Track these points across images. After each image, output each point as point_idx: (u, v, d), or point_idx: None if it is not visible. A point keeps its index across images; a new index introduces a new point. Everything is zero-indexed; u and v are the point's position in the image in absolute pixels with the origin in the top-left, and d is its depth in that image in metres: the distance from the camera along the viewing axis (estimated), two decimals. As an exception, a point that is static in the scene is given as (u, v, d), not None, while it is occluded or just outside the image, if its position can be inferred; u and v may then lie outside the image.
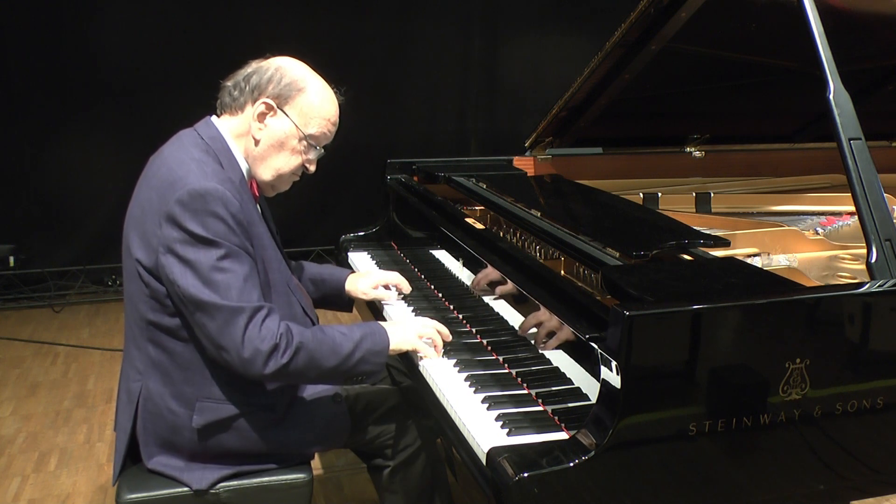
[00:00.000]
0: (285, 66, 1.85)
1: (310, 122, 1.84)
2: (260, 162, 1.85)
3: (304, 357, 1.71)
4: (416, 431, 2.03)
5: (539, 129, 2.91)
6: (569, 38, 5.78)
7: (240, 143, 1.85)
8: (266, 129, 1.82)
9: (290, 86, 1.81)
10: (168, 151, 1.81)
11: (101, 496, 2.88)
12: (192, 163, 1.73)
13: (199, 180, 1.68)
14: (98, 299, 5.18)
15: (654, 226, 2.11)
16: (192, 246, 1.66)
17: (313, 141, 1.86)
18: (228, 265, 1.67)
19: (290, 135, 1.83)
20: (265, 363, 1.66)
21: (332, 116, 1.88)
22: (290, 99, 1.82)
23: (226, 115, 1.86)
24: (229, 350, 1.66)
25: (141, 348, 1.80)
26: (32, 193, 5.09)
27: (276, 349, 1.67)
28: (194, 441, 1.78)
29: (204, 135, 1.82)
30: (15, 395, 3.75)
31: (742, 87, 2.89)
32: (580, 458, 1.38)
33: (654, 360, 1.42)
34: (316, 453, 2.01)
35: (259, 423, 1.80)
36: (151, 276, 1.72)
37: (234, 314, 1.65)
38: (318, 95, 1.85)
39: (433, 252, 2.61)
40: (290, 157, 1.86)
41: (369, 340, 1.82)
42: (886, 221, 1.70)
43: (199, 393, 1.77)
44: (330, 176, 5.56)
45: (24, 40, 4.85)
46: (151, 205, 1.72)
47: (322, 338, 1.76)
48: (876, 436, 1.60)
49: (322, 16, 5.32)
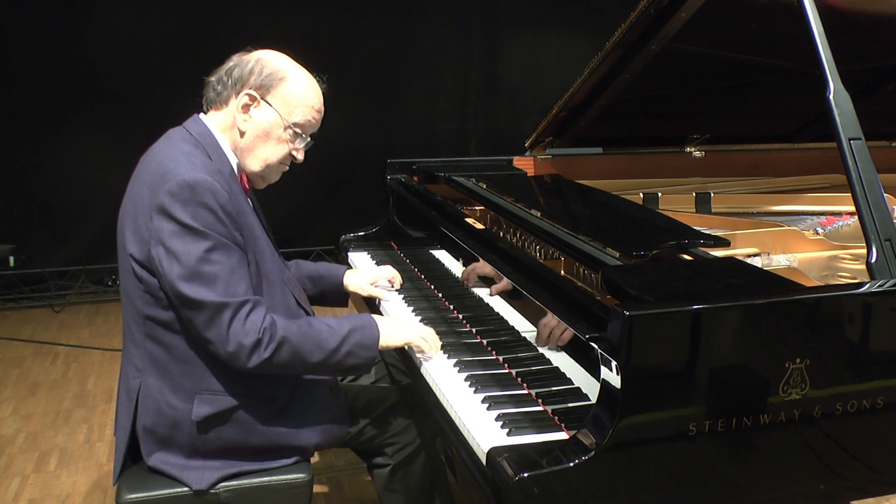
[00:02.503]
0: (266, 57, 1.87)
1: (293, 111, 1.86)
2: (248, 153, 1.88)
3: (287, 351, 1.73)
4: (415, 430, 2.03)
5: (539, 129, 2.91)
6: (569, 38, 5.78)
7: (227, 136, 1.87)
8: (251, 121, 1.85)
9: (271, 76, 1.84)
10: (158, 148, 1.84)
11: (101, 496, 2.88)
12: (182, 156, 1.76)
13: (188, 172, 1.71)
14: (98, 299, 5.18)
15: (653, 226, 2.11)
16: (181, 237, 1.68)
17: (298, 129, 1.88)
18: (216, 257, 1.69)
19: (274, 124, 1.85)
20: (248, 357, 1.69)
21: (315, 104, 1.90)
22: (272, 89, 1.84)
23: (212, 110, 1.89)
24: (215, 344, 1.69)
25: (139, 345, 1.81)
26: (32, 193, 5.09)
27: (259, 344, 1.69)
28: (194, 435, 1.78)
29: (192, 130, 1.85)
30: (15, 395, 3.75)
31: (742, 87, 2.89)
32: (580, 458, 1.38)
33: (654, 360, 1.42)
34: (316, 452, 2.01)
35: (259, 414, 1.81)
36: (145, 270, 1.74)
37: (219, 310, 1.67)
38: (300, 84, 1.87)
39: (433, 252, 2.61)
40: (277, 146, 1.88)
41: (358, 334, 1.83)
42: (886, 221, 1.70)
43: (197, 386, 1.78)
44: (330, 176, 5.58)
45: (24, 41, 4.85)
46: (143, 199, 1.74)
47: (307, 331, 1.77)
48: (876, 436, 1.60)
49: (322, 16, 5.32)
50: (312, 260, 5.56)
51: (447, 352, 1.94)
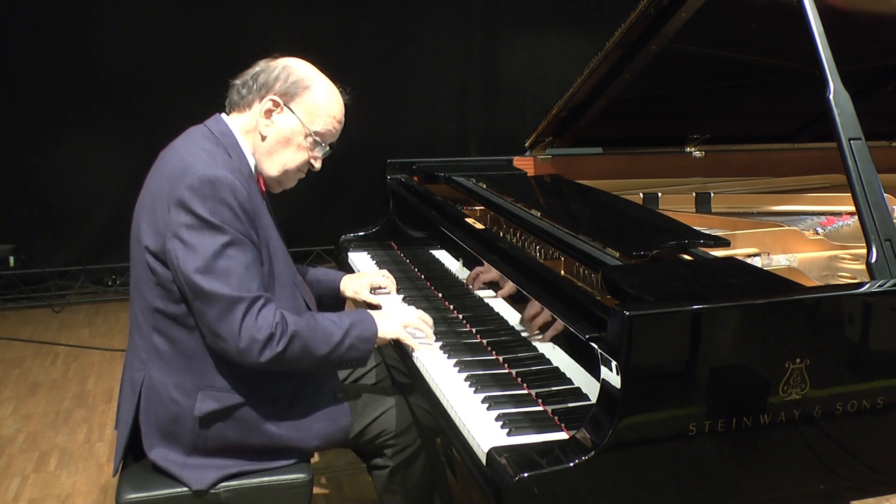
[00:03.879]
0: (292, 65, 1.90)
1: (315, 119, 1.89)
2: (267, 157, 1.90)
3: (298, 345, 1.75)
4: (415, 431, 2.04)
5: (539, 129, 2.91)
6: (569, 38, 5.78)
7: (248, 139, 1.90)
8: (273, 126, 1.88)
9: (296, 84, 1.87)
10: (179, 144, 1.87)
11: (101, 496, 2.88)
12: (203, 152, 1.78)
13: (209, 167, 1.73)
14: (98, 299, 5.18)
15: (654, 226, 2.11)
16: (198, 231, 1.70)
17: (319, 138, 1.91)
18: (232, 252, 1.71)
19: (296, 131, 1.88)
20: (261, 352, 1.70)
21: (337, 114, 1.93)
22: (296, 96, 1.87)
23: (234, 112, 1.92)
24: (226, 339, 1.70)
25: (145, 337, 1.82)
26: (32, 193, 5.09)
27: (272, 338, 1.71)
28: (195, 431, 1.79)
29: (214, 129, 1.88)
30: (15, 395, 3.75)
31: (742, 87, 2.89)
32: (580, 458, 1.38)
33: (653, 360, 1.42)
34: (316, 452, 2.02)
35: (260, 414, 1.82)
36: (159, 263, 1.76)
37: (233, 304, 1.69)
38: (323, 93, 1.90)
39: (433, 252, 2.61)
40: (297, 153, 1.91)
41: (358, 328, 1.88)
42: (886, 221, 1.70)
43: (201, 382, 1.79)
44: (330, 176, 5.53)
45: (24, 41, 4.85)
46: (162, 192, 1.76)
47: (314, 326, 1.80)
48: (876, 436, 1.60)
49: (322, 16, 5.32)
50: (312, 260, 5.58)
51: (447, 352, 1.95)
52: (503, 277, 1.98)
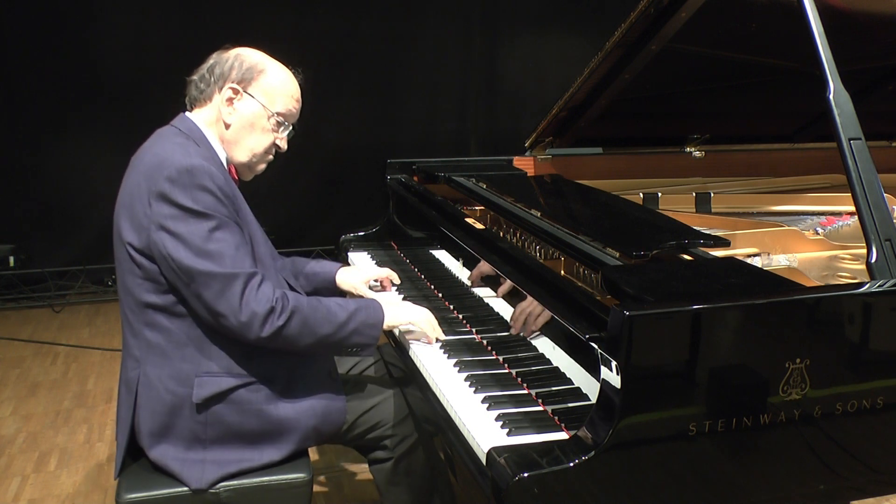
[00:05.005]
0: (244, 52, 1.96)
1: (276, 100, 1.94)
2: (234, 145, 1.95)
3: (298, 321, 1.77)
4: (412, 423, 2.04)
5: (539, 129, 2.91)
6: (569, 38, 5.78)
7: (213, 130, 1.94)
8: (236, 113, 1.92)
9: (251, 69, 1.93)
10: (149, 145, 1.91)
11: (101, 496, 2.88)
12: (176, 146, 1.82)
13: (185, 158, 1.77)
14: (98, 299, 5.18)
15: (654, 226, 2.11)
16: (184, 220, 1.72)
17: (281, 118, 1.96)
18: (220, 235, 1.74)
19: (258, 114, 1.93)
20: (262, 325, 1.73)
21: (294, 94, 1.99)
22: (253, 81, 1.92)
23: (196, 108, 1.96)
24: (227, 315, 1.72)
25: (137, 335, 1.84)
26: (32, 193, 5.09)
27: (273, 311, 1.74)
28: (194, 419, 1.80)
29: (181, 127, 1.92)
30: (15, 395, 3.75)
31: (742, 87, 2.89)
32: (580, 458, 1.38)
33: (653, 360, 1.42)
34: (314, 450, 2.01)
35: (258, 396, 1.83)
36: (143, 257, 1.78)
37: (231, 280, 1.72)
38: (279, 75, 1.96)
39: (433, 252, 2.61)
40: (262, 136, 1.95)
41: (364, 312, 1.90)
42: (886, 221, 1.70)
43: (197, 369, 1.81)
44: (330, 176, 5.57)
45: (25, 41, 4.85)
46: (139, 188, 1.78)
47: (317, 305, 1.83)
48: (876, 436, 1.60)
49: (322, 16, 5.32)
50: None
51: (447, 351, 1.95)
52: (503, 277, 1.98)
